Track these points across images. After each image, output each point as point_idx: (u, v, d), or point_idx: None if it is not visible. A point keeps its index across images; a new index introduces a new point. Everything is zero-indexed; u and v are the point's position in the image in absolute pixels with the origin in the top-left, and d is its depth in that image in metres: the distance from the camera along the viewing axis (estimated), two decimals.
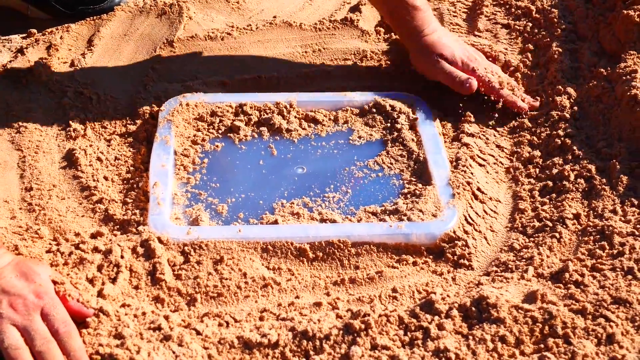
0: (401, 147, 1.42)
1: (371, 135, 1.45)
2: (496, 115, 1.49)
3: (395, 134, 1.45)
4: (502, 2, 1.72)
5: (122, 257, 1.18)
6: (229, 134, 1.44)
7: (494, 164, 1.41)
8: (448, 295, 1.14)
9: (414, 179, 1.36)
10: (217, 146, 1.41)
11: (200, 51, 1.65)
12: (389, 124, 1.47)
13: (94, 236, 1.24)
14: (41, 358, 1.01)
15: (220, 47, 1.66)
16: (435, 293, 1.14)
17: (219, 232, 1.23)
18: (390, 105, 1.49)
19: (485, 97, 1.51)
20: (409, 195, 1.33)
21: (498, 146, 1.45)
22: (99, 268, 1.17)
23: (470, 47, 1.57)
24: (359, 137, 1.45)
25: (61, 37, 1.66)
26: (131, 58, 1.63)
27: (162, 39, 1.67)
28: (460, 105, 1.51)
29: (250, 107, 1.46)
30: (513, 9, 1.69)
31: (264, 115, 1.46)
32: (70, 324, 1.05)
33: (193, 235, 1.22)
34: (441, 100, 1.54)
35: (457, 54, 1.51)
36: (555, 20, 1.64)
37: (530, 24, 1.65)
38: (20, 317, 1.03)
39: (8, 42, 1.67)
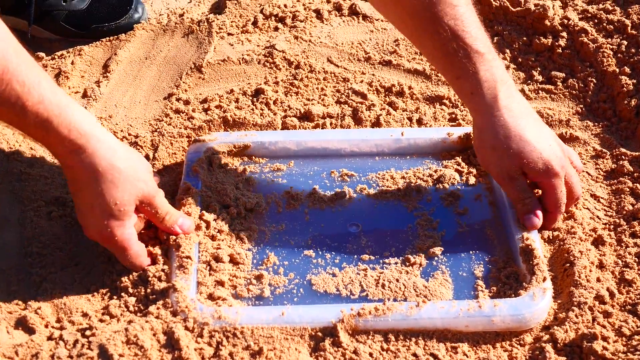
0: (475, 199, 1.20)
1: (441, 184, 1.22)
2: None
3: (465, 180, 1.22)
4: (589, 15, 1.46)
5: (138, 347, 0.98)
6: (267, 184, 1.22)
7: (590, 218, 1.18)
8: None
9: (494, 244, 1.13)
10: (254, 202, 1.18)
11: (234, 77, 1.45)
12: (460, 167, 1.24)
13: (103, 317, 1.03)
14: None
15: (257, 71, 1.45)
16: None
17: (257, 315, 1.01)
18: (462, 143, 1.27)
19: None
20: (490, 266, 1.10)
21: (593, 195, 1.23)
22: None
23: (562, 145, 1.17)
24: (425, 188, 1.22)
25: (72, 62, 1.48)
26: (153, 86, 1.45)
27: (189, 63, 1.48)
28: None
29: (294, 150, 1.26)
30: (604, 24, 1.44)
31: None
32: None
33: (225, 319, 1.00)
34: None
35: (550, 167, 1.11)
36: None
37: (625, 42, 1.41)
38: None
39: None
